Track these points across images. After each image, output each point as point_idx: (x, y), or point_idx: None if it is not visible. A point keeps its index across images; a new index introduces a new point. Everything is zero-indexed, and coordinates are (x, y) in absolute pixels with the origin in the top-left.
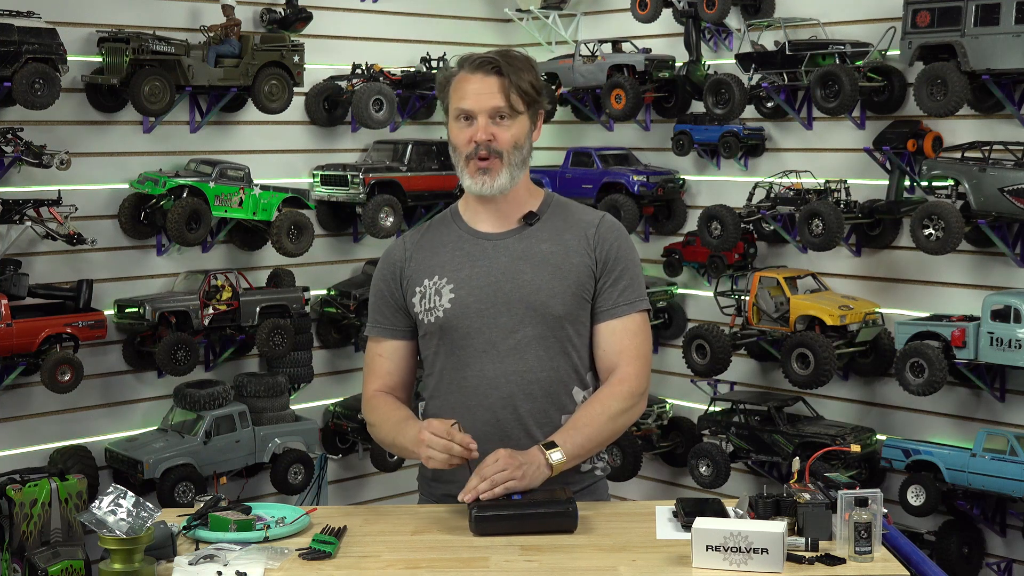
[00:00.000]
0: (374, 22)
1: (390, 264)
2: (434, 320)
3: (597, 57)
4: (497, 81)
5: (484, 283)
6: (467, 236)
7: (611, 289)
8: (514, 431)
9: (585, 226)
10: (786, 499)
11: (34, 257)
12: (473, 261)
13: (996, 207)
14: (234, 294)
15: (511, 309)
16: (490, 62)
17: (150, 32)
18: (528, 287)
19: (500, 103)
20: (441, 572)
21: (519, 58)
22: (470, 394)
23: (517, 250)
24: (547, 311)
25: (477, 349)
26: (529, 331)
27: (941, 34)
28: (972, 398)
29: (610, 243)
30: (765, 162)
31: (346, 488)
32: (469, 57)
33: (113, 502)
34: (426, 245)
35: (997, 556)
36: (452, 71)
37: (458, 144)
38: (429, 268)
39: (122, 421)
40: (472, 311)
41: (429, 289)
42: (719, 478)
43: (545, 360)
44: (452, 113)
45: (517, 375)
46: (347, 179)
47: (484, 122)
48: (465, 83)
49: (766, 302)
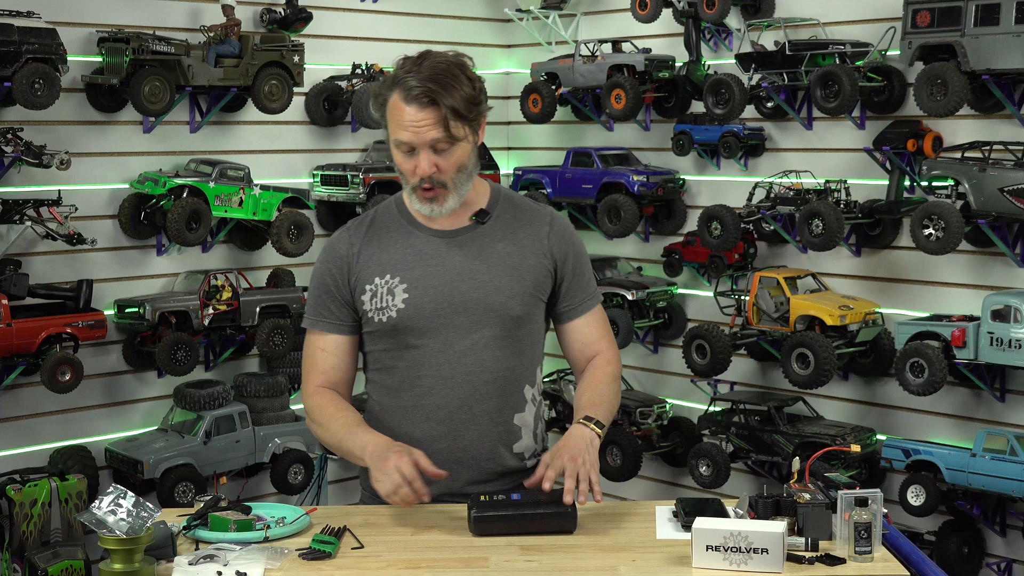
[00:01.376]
0: (374, 22)
1: (337, 257)
2: (386, 320)
3: (597, 57)
4: (433, 113)
5: (439, 283)
6: (417, 233)
7: (575, 287)
8: (468, 431)
9: (538, 225)
10: (786, 499)
11: (34, 257)
12: (426, 260)
13: (996, 207)
14: (234, 294)
15: (468, 310)
16: (424, 92)
17: (150, 32)
18: (486, 288)
19: (439, 135)
20: (441, 572)
21: (451, 75)
22: (424, 394)
23: (472, 249)
24: (505, 312)
25: (433, 349)
26: (486, 332)
27: (941, 34)
28: (972, 398)
29: (566, 242)
30: (765, 162)
31: (346, 488)
32: (401, 80)
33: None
34: (374, 241)
35: (997, 556)
36: (385, 90)
37: (403, 171)
38: (380, 266)
39: (122, 421)
40: (428, 311)
41: (381, 288)
42: (719, 478)
43: (501, 360)
44: (392, 138)
45: (473, 375)
46: (347, 179)
47: (426, 155)
48: (400, 113)
49: (766, 302)
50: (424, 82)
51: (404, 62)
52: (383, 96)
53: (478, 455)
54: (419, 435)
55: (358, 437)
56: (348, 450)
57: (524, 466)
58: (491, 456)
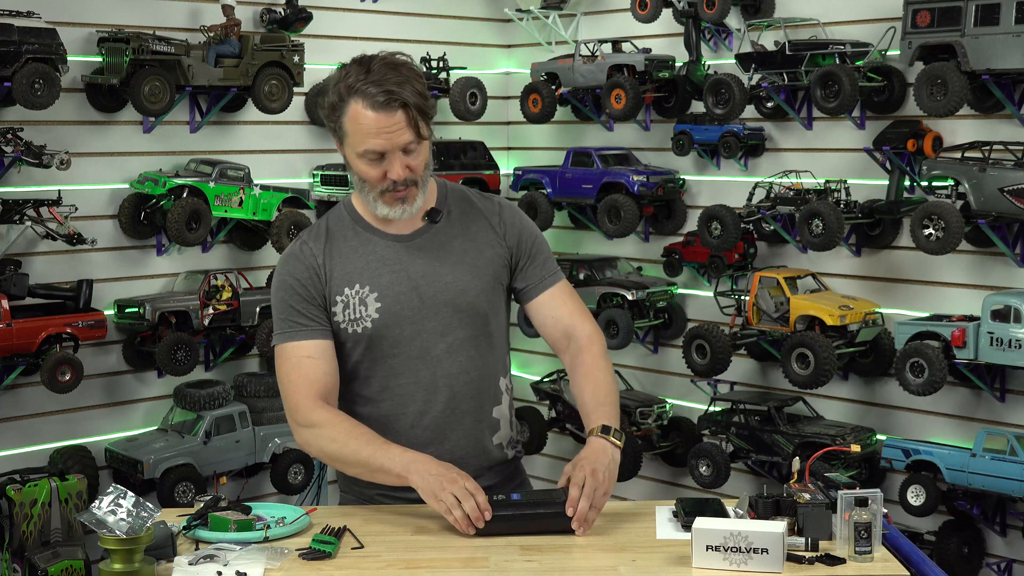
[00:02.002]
0: (374, 22)
1: (307, 265)
2: (360, 331)
3: (597, 57)
4: (403, 115)
5: (407, 288)
6: (376, 239)
7: (533, 266)
8: (453, 433)
9: (488, 214)
10: (786, 499)
11: (34, 257)
12: (391, 266)
13: (996, 207)
14: (234, 294)
15: (438, 313)
16: (391, 97)
17: (150, 32)
18: (452, 289)
19: (410, 137)
20: (441, 572)
21: (405, 74)
22: (407, 401)
23: (430, 251)
24: (474, 310)
25: (411, 356)
26: (459, 333)
27: (941, 34)
28: (972, 398)
29: (517, 227)
30: (765, 162)
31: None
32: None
33: (113, 502)
34: (334, 252)
35: (997, 556)
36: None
37: (370, 180)
38: (347, 276)
39: (122, 421)
40: (402, 318)
41: (352, 299)
42: (719, 478)
43: (476, 358)
44: (355, 149)
45: (452, 378)
46: (347, 179)
47: (398, 159)
48: (367, 121)
49: (766, 302)
50: (386, 87)
51: (349, 70)
52: (339, 108)
53: (465, 454)
54: (405, 443)
55: (391, 453)
56: (379, 467)
57: (506, 456)
58: (477, 452)
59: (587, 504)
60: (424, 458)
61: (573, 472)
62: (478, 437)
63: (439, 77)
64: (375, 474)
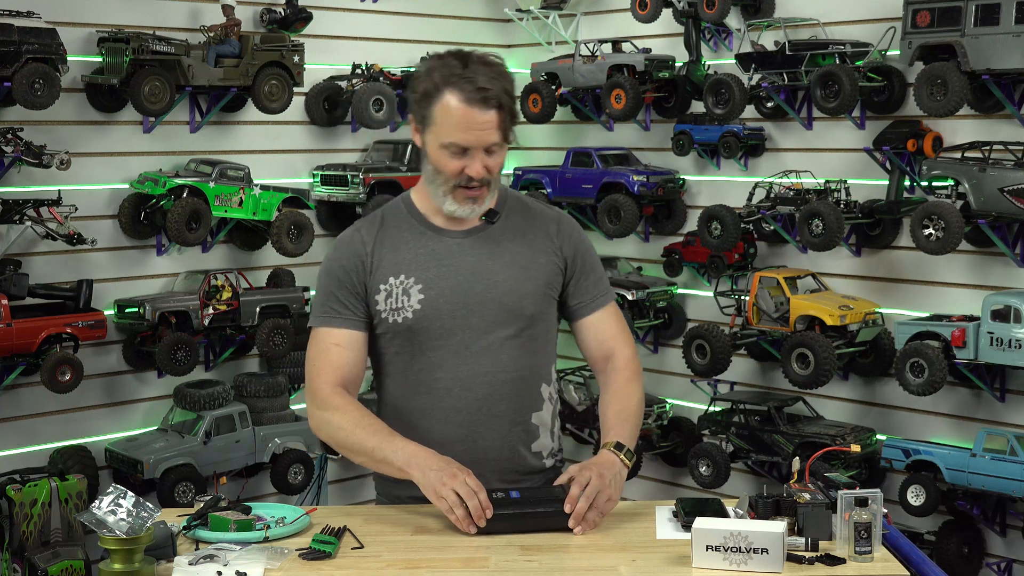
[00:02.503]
0: (374, 22)
1: (353, 254)
2: (401, 321)
3: (597, 57)
4: (495, 115)
5: (454, 284)
6: (429, 233)
7: (586, 283)
8: (486, 433)
9: (546, 224)
10: (786, 499)
11: (34, 257)
12: (439, 260)
13: (996, 207)
14: (234, 294)
15: (483, 310)
16: (490, 95)
17: (150, 32)
18: (500, 288)
19: (497, 138)
20: (441, 572)
21: (504, 74)
22: (443, 396)
23: (483, 250)
24: (520, 312)
25: (449, 351)
26: (502, 332)
27: (941, 34)
28: (972, 398)
29: (575, 240)
30: (765, 162)
31: (346, 488)
32: (457, 80)
33: (113, 502)
34: (386, 241)
35: (997, 556)
36: (436, 87)
37: (445, 171)
38: (393, 266)
39: (122, 421)
40: (444, 312)
41: (396, 288)
42: (719, 478)
43: (518, 360)
44: (440, 139)
45: (491, 376)
46: (347, 179)
47: (480, 157)
48: (460, 115)
49: (766, 302)
50: (485, 84)
51: (446, 60)
52: (432, 96)
53: (498, 456)
54: (438, 438)
55: (395, 446)
56: (382, 458)
57: (543, 465)
58: (511, 456)
59: (586, 504)
60: (426, 452)
61: (578, 473)
62: (513, 441)
63: None
64: (379, 465)
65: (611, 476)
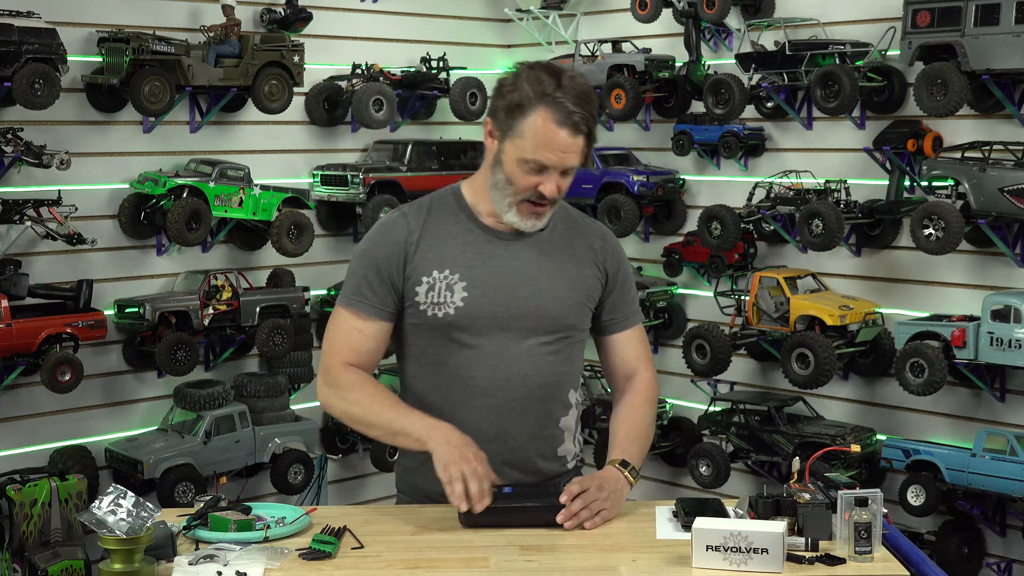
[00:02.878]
0: (374, 22)
1: (394, 243)
2: (441, 316)
3: (597, 57)
4: (582, 141)
5: (499, 285)
6: (478, 231)
7: (621, 301)
8: (518, 433)
9: (591, 238)
10: (786, 499)
11: (34, 257)
12: (486, 260)
13: (996, 207)
14: (234, 294)
15: (525, 316)
16: (582, 121)
17: (150, 32)
18: (544, 296)
19: (577, 163)
20: (441, 572)
21: (594, 100)
22: (477, 394)
23: (531, 255)
24: (561, 321)
25: (489, 351)
26: (541, 339)
27: (941, 34)
28: (972, 398)
29: (617, 257)
30: (765, 162)
31: (346, 488)
32: (552, 100)
33: (113, 502)
34: (433, 232)
35: (997, 556)
36: (530, 101)
37: (518, 184)
38: (438, 259)
39: (122, 421)
40: (486, 312)
41: (439, 282)
42: (719, 478)
43: (554, 366)
44: (522, 154)
45: (527, 379)
46: (347, 179)
47: (556, 178)
48: (550, 136)
49: (766, 302)
50: (580, 109)
51: (541, 76)
52: (523, 109)
53: (526, 457)
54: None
55: (413, 418)
56: (400, 429)
57: (566, 468)
58: (538, 458)
59: (581, 504)
60: (446, 426)
61: (581, 480)
62: (539, 445)
63: (439, 77)
64: (395, 437)
65: (611, 490)
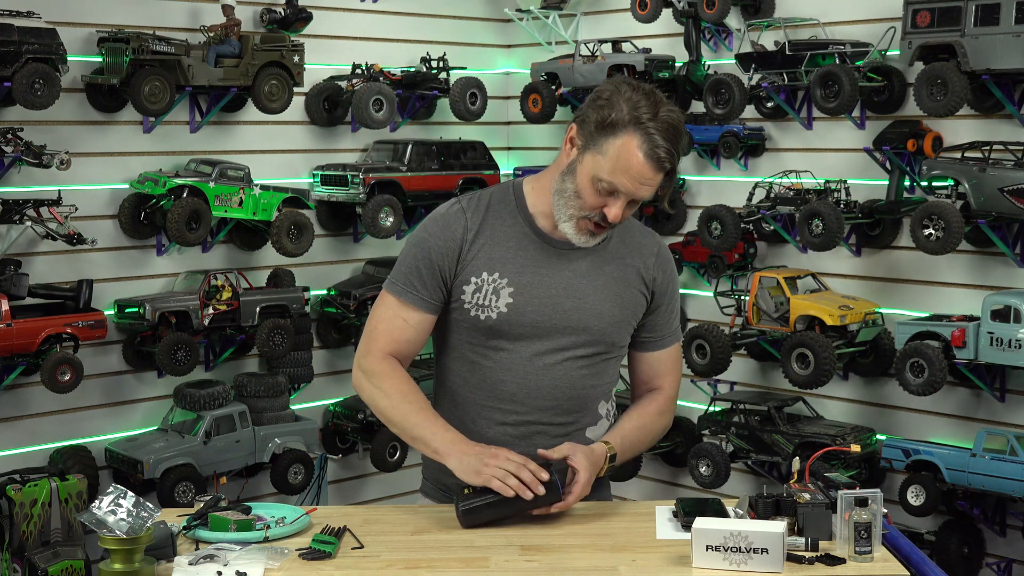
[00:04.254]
0: (374, 22)
1: (451, 238)
2: (484, 318)
3: (597, 57)
4: (661, 178)
5: (545, 294)
6: (532, 235)
7: (662, 321)
8: (541, 442)
9: (644, 254)
10: (786, 499)
11: (34, 257)
12: (536, 267)
13: (996, 207)
14: (234, 294)
15: (567, 328)
16: (668, 159)
17: (150, 32)
18: (590, 311)
19: (650, 196)
20: (441, 572)
21: (683, 135)
22: (506, 399)
23: (581, 267)
24: (602, 337)
25: (522, 356)
26: (580, 351)
27: (941, 34)
28: (972, 398)
29: (667, 276)
30: (765, 162)
31: (346, 488)
32: (645, 128)
33: (113, 502)
34: (488, 231)
35: (997, 556)
36: (624, 124)
37: (585, 200)
38: (489, 261)
39: (122, 421)
40: (528, 320)
41: (487, 285)
42: (719, 478)
43: (588, 377)
44: (599, 173)
45: (557, 390)
46: (347, 179)
47: (623, 205)
48: (635, 163)
49: (766, 302)
50: (669, 144)
51: (639, 100)
52: (614, 129)
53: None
54: (491, 435)
55: (436, 428)
56: (419, 435)
57: None
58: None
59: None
60: (463, 440)
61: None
62: None
63: (439, 77)
64: (415, 441)
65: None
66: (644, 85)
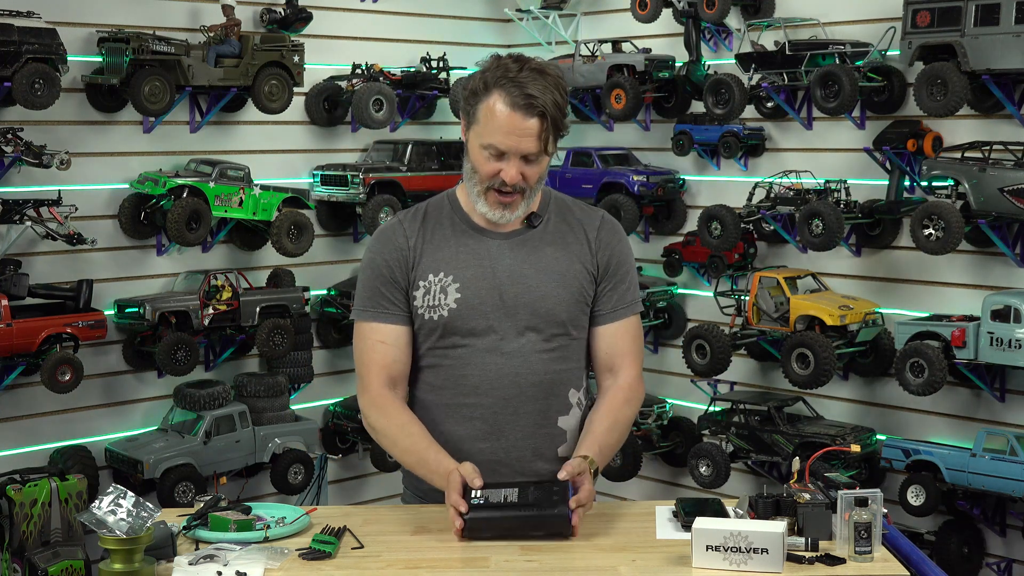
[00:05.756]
0: (374, 22)
1: (396, 249)
2: (436, 318)
3: (597, 57)
4: (537, 124)
5: (490, 284)
6: (470, 232)
7: (612, 292)
8: (511, 432)
9: (588, 227)
10: (786, 499)
11: (34, 257)
12: (479, 260)
13: (996, 207)
14: (234, 294)
15: (516, 313)
16: (533, 103)
17: (150, 32)
18: (534, 293)
19: (535, 148)
20: (441, 572)
21: (556, 85)
22: (469, 392)
23: (522, 253)
24: (552, 318)
25: (480, 349)
26: (533, 335)
27: (941, 34)
28: (972, 398)
29: (612, 247)
30: (765, 162)
31: (346, 488)
32: (505, 84)
33: (113, 502)
34: (428, 237)
35: (997, 556)
36: (484, 87)
37: (481, 172)
38: (434, 263)
39: (122, 421)
40: (477, 312)
41: (434, 286)
42: (719, 478)
43: (547, 363)
44: (480, 139)
45: (520, 377)
46: (347, 179)
47: (516, 164)
48: (502, 118)
49: (766, 302)
50: (530, 91)
51: (499, 63)
52: (479, 95)
53: (521, 456)
54: (462, 433)
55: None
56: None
57: None
58: (534, 458)
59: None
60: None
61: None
62: (537, 444)
63: (439, 77)
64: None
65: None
66: (514, 54)
